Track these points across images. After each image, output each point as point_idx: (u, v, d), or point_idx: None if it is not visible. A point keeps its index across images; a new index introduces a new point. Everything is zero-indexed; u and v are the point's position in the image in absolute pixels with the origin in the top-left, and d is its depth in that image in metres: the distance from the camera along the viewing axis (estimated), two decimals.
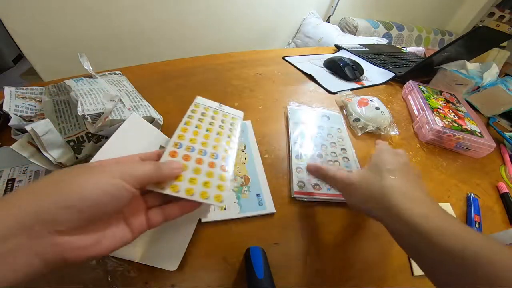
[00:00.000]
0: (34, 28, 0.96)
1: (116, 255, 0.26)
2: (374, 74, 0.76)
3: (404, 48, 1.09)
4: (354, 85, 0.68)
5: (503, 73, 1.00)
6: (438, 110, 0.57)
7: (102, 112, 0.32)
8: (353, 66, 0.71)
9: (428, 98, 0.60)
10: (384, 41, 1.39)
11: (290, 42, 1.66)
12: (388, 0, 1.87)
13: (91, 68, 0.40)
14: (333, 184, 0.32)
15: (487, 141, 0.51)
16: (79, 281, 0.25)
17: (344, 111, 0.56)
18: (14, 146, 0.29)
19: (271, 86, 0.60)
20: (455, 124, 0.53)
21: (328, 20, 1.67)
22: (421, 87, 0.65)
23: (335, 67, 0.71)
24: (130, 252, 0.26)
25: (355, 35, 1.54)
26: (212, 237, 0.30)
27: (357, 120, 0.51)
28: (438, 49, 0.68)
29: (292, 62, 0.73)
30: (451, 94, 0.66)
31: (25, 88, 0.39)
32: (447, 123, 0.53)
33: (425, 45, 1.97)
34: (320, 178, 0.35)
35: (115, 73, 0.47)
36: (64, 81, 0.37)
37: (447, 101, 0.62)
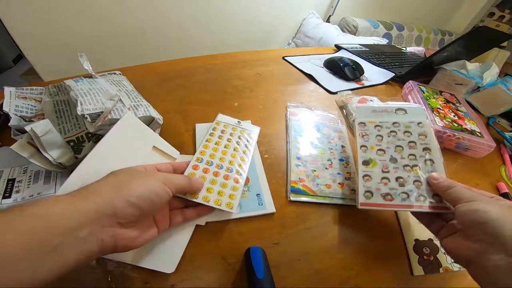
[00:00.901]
0: (34, 28, 0.96)
1: (110, 257, 0.26)
2: (374, 74, 0.76)
3: (404, 48, 1.09)
4: (354, 85, 0.68)
5: (503, 73, 1.00)
6: (438, 110, 0.57)
7: (102, 112, 0.32)
8: (353, 66, 0.71)
9: (428, 98, 0.60)
10: (384, 41, 1.39)
11: (290, 42, 1.66)
12: (388, 0, 1.87)
13: (91, 68, 0.40)
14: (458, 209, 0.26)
15: (487, 141, 0.51)
16: (79, 281, 0.25)
17: (344, 111, 0.56)
18: (14, 147, 0.29)
19: (271, 86, 0.60)
20: (455, 124, 0.53)
21: (328, 20, 1.67)
22: (421, 87, 0.65)
23: (335, 67, 0.71)
24: (121, 254, 0.26)
25: (355, 35, 1.54)
26: (212, 237, 0.30)
27: None
28: (438, 49, 0.68)
29: (292, 62, 0.73)
30: (451, 94, 0.66)
31: (25, 88, 0.39)
32: (447, 123, 0.53)
33: (425, 45, 1.97)
34: (444, 197, 0.30)
35: (115, 73, 0.47)
36: (64, 81, 0.37)
37: (447, 101, 0.62)
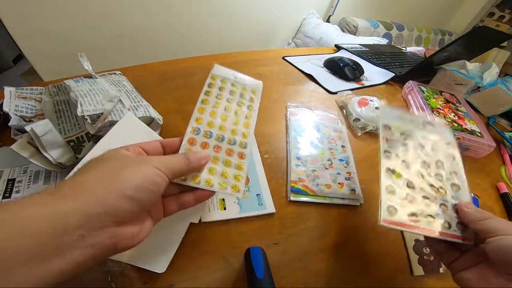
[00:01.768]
0: (34, 28, 0.96)
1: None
2: (374, 74, 0.76)
3: (404, 48, 1.09)
4: (354, 85, 0.68)
5: (503, 73, 1.00)
6: (438, 110, 0.57)
7: (102, 113, 0.32)
8: (353, 66, 0.71)
9: (428, 98, 0.60)
10: (384, 41, 1.39)
11: (290, 42, 1.66)
12: (388, 0, 1.87)
13: (91, 68, 0.40)
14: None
15: (487, 141, 0.51)
16: (79, 281, 0.25)
17: (344, 111, 0.56)
18: (14, 147, 0.29)
19: (271, 86, 0.60)
20: (455, 124, 0.53)
21: (328, 20, 1.67)
22: (421, 87, 0.65)
23: (335, 67, 0.71)
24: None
25: (355, 35, 1.54)
26: (212, 237, 0.30)
27: (357, 120, 0.51)
28: (438, 49, 0.68)
29: (292, 62, 0.73)
30: (451, 94, 0.66)
31: (25, 88, 0.39)
32: (447, 123, 0.53)
33: (425, 45, 1.97)
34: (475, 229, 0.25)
35: (115, 73, 0.47)
36: (64, 81, 0.37)
37: (447, 101, 0.62)
